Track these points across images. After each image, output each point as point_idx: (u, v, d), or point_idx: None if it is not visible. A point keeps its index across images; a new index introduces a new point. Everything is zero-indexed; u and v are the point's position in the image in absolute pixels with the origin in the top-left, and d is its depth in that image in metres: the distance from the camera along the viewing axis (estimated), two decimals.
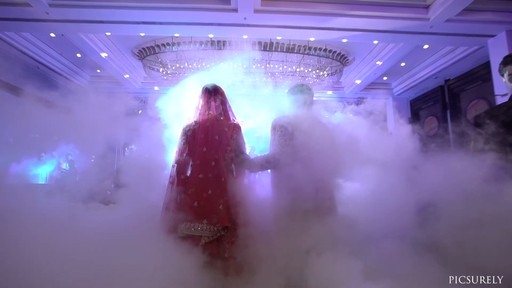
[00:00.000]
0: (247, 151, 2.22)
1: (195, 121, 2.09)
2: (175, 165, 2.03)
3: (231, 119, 2.17)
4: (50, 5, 5.09)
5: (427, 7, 5.46)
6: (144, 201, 2.09)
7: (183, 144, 2.04)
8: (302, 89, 2.18)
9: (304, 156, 1.82)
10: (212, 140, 2.00)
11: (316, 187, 1.86)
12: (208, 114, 2.07)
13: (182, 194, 1.93)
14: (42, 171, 6.15)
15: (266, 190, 2.03)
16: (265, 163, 2.00)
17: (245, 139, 2.22)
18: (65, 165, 5.22)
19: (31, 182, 5.43)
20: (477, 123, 2.10)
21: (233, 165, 2.02)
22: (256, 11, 5.39)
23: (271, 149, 2.06)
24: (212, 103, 2.10)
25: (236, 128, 2.10)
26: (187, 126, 2.09)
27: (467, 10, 5.27)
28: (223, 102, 2.15)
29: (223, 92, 2.18)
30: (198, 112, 2.11)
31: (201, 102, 2.13)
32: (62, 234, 1.84)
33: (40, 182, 6.07)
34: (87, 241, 1.80)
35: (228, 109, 2.18)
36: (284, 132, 1.95)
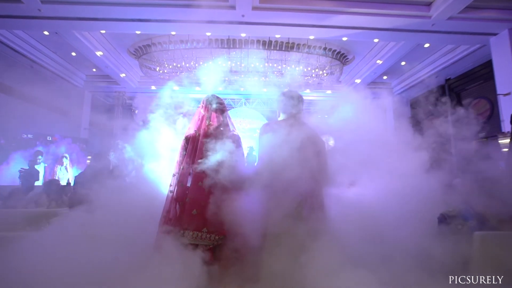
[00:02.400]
0: (245, 152, 2.15)
1: (195, 130, 2.10)
2: (176, 174, 2.03)
3: (231, 130, 2.17)
4: (42, 2, 4.94)
5: (429, 4, 5.35)
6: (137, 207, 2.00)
7: (184, 153, 2.05)
8: (292, 95, 2.13)
9: (290, 165, 1.77)
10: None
11: (303, 196, 1.82)
12: (208, 124, 2.09)
13: (182, 202, 1.93)
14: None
15: (259, 201, 1.96)
16: (257, 175, 1.95)
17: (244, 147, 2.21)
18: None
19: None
20: None
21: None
22: (254, 8, 5.27)
23: (259, 156, 2.05)
24: (213, 114, 2.11)
25: (236, 139, 2.11)
26: (188, 136, 2.10)
27: (469, 7, 5.17)
28: (223, 113, 2.16)
29: (224, 103, 2.20)
30: (199, 122, 2.12)
31: (202, 112, 2.14)
32: None
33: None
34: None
35: (228, 120, 2.19)
36: (271, 139, 1.93)
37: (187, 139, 2.07)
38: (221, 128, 2.10)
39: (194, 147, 2.02)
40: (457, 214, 1.58)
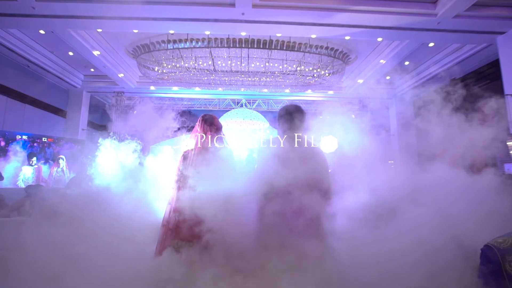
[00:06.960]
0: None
1: (192, 147, 2.28)
2: (174, 188, 2.19)
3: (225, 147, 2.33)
4: None
5: (434, 2, 5.18)
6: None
7: (181, 168, 2.21)
8: (293, 111, 2.11)
9: (288, 185, 1.74)
10: None
11: (298, 214, 1.78)
12: (204, 141, 2.25)
13: (179, 214, 2.06)
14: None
15: (254, 217, 1.97)
16: (255, 190, 1.91)
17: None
18: None
19: None
20: None
21: None
22: (254, 6, 5.10)
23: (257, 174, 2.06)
24: (208, 132, 2.29)
25: (228, 154, 2.27)
26: (185, 152, 2.28)
27: (476, 5, 5.00)
28: (218, 131, 2.34)
29: (219, 122, 2.40)
30: (195, 139, 2.30)
31: (198, 130, 2.33)
32: None
33: None
34: None
35: (223, 138, 2.37)
36: (268, 156, 1.92)
37: (185, 156, 2.25)
38: (216, 146, 2.25)
39: (190, 163, 2.17)
40: (510, 246, 1.16)
